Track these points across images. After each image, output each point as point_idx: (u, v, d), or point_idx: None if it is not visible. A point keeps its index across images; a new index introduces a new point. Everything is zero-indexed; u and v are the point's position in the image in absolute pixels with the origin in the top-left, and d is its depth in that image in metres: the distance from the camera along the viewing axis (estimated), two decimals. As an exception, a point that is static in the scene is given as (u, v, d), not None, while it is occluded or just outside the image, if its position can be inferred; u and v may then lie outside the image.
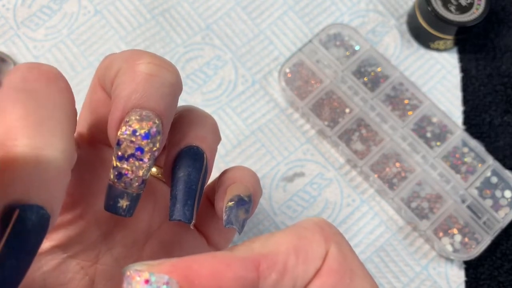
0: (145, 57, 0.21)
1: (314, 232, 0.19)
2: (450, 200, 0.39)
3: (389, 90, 0.42)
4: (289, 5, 0.45)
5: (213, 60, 0.44)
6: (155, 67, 0.20)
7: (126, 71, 0.20)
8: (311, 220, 0.19)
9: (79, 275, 0.22)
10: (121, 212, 0.21)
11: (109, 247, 0.23)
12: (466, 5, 0.41)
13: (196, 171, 0.22)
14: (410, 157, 0.40)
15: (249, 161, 0.41)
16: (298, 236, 0.18)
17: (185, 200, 0.22)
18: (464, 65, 0.44)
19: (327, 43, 0.43)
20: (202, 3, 0.45)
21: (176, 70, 0.21)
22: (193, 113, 0.24)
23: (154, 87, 0.20)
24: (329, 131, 0.41)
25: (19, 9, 0.44)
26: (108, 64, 0.22)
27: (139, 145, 0.20)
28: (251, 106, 0.43)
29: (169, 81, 0.21)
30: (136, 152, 0.20)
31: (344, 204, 0.41)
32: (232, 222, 0.23)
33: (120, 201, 0.20)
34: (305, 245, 0.18)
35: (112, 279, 0.23)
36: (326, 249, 0.18)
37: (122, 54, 0.21)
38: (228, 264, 0.17)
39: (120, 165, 0.20)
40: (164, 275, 0.16)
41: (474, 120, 0.43)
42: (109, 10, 0.44)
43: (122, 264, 0.23)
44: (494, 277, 0.39)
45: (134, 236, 0.24)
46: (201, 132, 0.23)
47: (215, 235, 0.28)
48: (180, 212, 0.21)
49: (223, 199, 0.24)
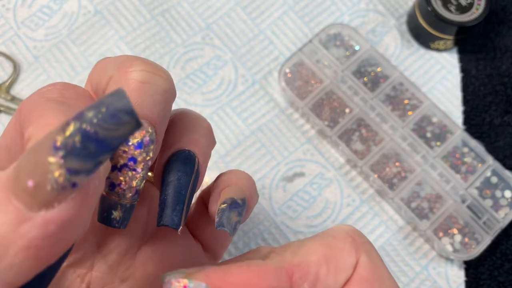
0: (137, 64, 0.20)
1: (345, 241, 0.19)
2: (450, 200, 0.39)
3: (389, 90, 0.42)
4: (289, 5, 0.45)
5: (213, 60, 0.44)
6: (148, 74, 0.20)
7: (118, 80, 0.20)
8: (341, 228, 0.19)
9: (76, 283, 0.22)
10: (115, 223, 0.20)
11: (103, 255, 0.23)
12: (466, 5, 0.41)
13: (186, 176, 0.22)
14: (410, 157, 0.40)
15: (249, 161, 0.41)
16: (328, 245, 0.18)
17: (174, 206, 0.21)
18: (464, 65, 0.44)
19: (327, 43, 0.43)
20: (202, 3, 0.45)
21: (169, 76, 0.21)
22: (186, 117, 0.24)
23: (147, 95, 0.20)
24: (329, 131, 0.41)
25: (19, 9, 0.44)
26: (100, 71, 0.21)
27: (132, 155, 0.19)
28: (251, 106, 0.43)
29: (162, 88, 0.20)
30: (129, 162, 0.19)
31: (344, 204, 0.41)
32: (224, 224, 0.22)
33: (114, 212, 0.20)
34: (336, 255, 0.18)
35: (105, 285, 0.23)
36: (357, 258, 0.18)
37: (115, 61, 0.21)
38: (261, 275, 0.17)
39: (113, 176, 0.19)
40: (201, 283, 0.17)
41: (474, 120, 0.43)
42: (109, 10, 0.44)
43: (115, 270, 0.23)
44: (494, 277, 0.39)
45: (128, 243, 0.24)
46: (194, 136, 0.23)
47: (210, 240, 0.27)
48: (168, 217, 0.21)
49: (217, 202, 0.23)
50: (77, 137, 0.13)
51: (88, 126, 0.13)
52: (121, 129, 0.14)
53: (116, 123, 0.14)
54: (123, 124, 0.14)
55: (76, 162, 0.14)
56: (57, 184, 0.14)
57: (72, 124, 0.14)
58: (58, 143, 0.14)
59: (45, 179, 0.14)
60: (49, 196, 0.14)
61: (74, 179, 0.14)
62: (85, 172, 0.14)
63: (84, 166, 0.14)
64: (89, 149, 0.14)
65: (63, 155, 0.13)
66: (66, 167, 0.14)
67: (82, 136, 0.13)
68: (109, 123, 0.14)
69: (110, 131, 0.14)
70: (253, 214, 0.40)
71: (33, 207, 0.14)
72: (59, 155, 0.13)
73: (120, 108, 0.14)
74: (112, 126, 0.14)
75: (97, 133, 0.14)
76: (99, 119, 0.13)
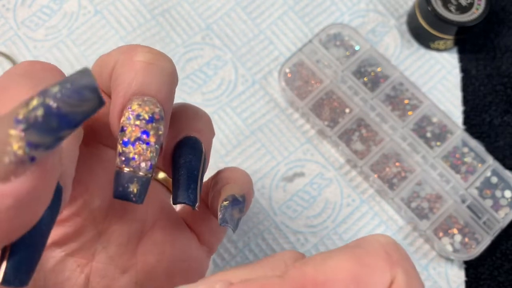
0: (142, 48, 0.21)
1: (379, 258, 0.16)
2: (450, 200, 0.39)
3: (389, 90, 0.42)
4: (289, 5, 0.45)
5: (213, 60, 0.44)
6: (153, 56, 0.21)
7: (125, 62, 0.20)
8: (376, 240, 0.17)
9: (75, 273, 0.22)
10: (132, 197, 0.20)
11: (104, 245, 0.23)
12: (466, 5, 0.41)
13: (197, 159, 0.22)
14: (410, 157, 0.40)
15: (249, 161, 0.41)
16: (359, 261, 0.16)
17: (189, 184, 0.22)
18: (464, 65, 0.44)
19: (327, 43, 0.43)
20: (202, 3, 0.45)
21: (171, 60, 0.22)
22: (188, 109, 0.24)
23: (153, 74, 0.20)
24: (329, 131, 0.41)
25: (19, 9, 0.44)
26: (101, 62, 0.22)
27: (144, 128, 0.20)
28: (251, 106, 0.43)
29: (167, 69, 0.21)
30: (142, 135, 0.20)
31: (344, 204, 0.41)
32: (227, 220, 0.23)
33: (130, 186, 0.20)
34: (367, 274, 0.16)
35: (105, 277, 0.23)
36: (391, 278, 0.16)
37: (118, 49, 0.21)
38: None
39: (127, 150, 0.20)
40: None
41: (474, 120, 0.43)
42: (109, 10, 0.44)
43: (116, 261, 0.24)
44: (494, 277, 0.39)
45: (129, 234, 0.24)
46: (198, 125, 0.23)
47: (206, 233, 0.28)
48: (184, 195, 0.22)
49: (218, 198, 0.24)
50: (40, 110, 0.14)
51: (51, 101, 0.14)
52: (84, 105, 0.14)
53: (79, 99, 0.14)
54: (86, 101, 0.14)
55: (37, 136, 0.14)
56: (16, 157, 0.14)
57: (36, 98, 0.14)
58: (20, 116, 0.14)
59: (3, 151, 0.14)
60: (7, 168, 0.14)
61: (33, 153, 0.14)
62: (45, 147, 0.14)
63: (44, 140, 0.14)
64: (51, 124, 0.14)
65: (24, 128, 0.14)
66: (26, 140, 0.14)
67: (44, 110, 0.14)
68: (73, 99, 0.14)
69: (73, 107, 0.14)
70: (253, 214, 0.40)
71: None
72: (19, 128, 0.14)
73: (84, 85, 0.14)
74: (75, 102, 0.14)
75: (60, 108, 0.14)
76: (63, 94, 0.14)
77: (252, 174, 0.41)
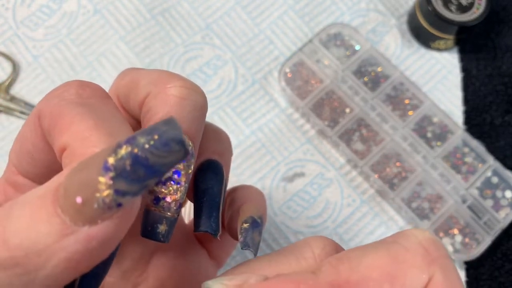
0: (175, 80, 0.21)
1: (416, 254, 0.16)
2: (450, 200, 0.39)
3: (389, 90, 0.42)
4: (289, 5, 0.45)
5: (213, 60, 0.43)
6: (186, 91, 0.20)
7: (158, 95, 0.20)
8: (414, 236, 0.16)
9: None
10: (160, 237, 0.20)
11: (117, 260, 0.23)
12: (467, 5, 0.41)
13: (218, 184, 0.22)
14: (411, 157, 0.40)
15: (249, 161, 0.41)
16: (395, 259, 0.15)
17: (211, 212, 0.22)
18: (464, 64, 0.44)
19: (327, 43, 0.43)
20: (202, 2, 0.45)
21: (203, 92, 0.22)
22: (209, 129, 0.24)
23: (186, 111, 0.20)
24: (329, 131, 0.41)
25: (18, 8, 0.44)
26: (131, 85, 0.22)
27: (176, 168, 0.20)
28: (251, 106, 0.43)
29: (199, 104, 0.21)
30: (174, 176, 0.20)
31: (344, 204, 0.40)
32: (249, 244, 0.23)
33: (160, 226, 0.20)
34: (403, 272, 0.15)
35: None
36: (429, 275, 0.16)
37: (149, 75, 0.21)
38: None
39: (158, 189, 0.20)
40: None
41: (475, 120, 0.43)
42: (109, 9, 0.44)
43: (128, 276, 0.24)
44: (494, 278, 0.39)
45: (142, 250, 0.24)
46: (219, 148, 0.24)
47: (216, 248, 0.28)
48: (206, 224, 0.22)
49: (237, 219, 0.24)
50: (128, 160, 0.14)
51: (140, 151, 0.14)
52: (170, 156, 0.14)
53: (167, 151, 0.14)
54: (173, 152, 0.14)
55: (124, 184, 0.14)
56: (104, 203, 0.14)
57: (124, 147, 0.14)
58: (109, 164, 0.14)
59: (93, 197, 0.14)
60: (95, 213, 0.14)
61: (120, 199, 0.14)
62: (131, 194, 0.14)
63: (131, 188, 0.14)
64: (138, 173, 0.14)
65: (112, 176, 0.14)
66: (114, 188, 0.14)
67: (133, 160, 0.14)
68: (160, 151, 0.14)
69: (160, 158, 0.14)
70: (253, 214, 0.40)
71: (78, 222, 0.14)
72: (109, 176, 0.14)
73: (172, 137, 0.14)
74: (162, 153, 0.14)
75: (148, 159, 0.14)
76: (151, 146, 0.14)
77: (252, 174, 0.41)
